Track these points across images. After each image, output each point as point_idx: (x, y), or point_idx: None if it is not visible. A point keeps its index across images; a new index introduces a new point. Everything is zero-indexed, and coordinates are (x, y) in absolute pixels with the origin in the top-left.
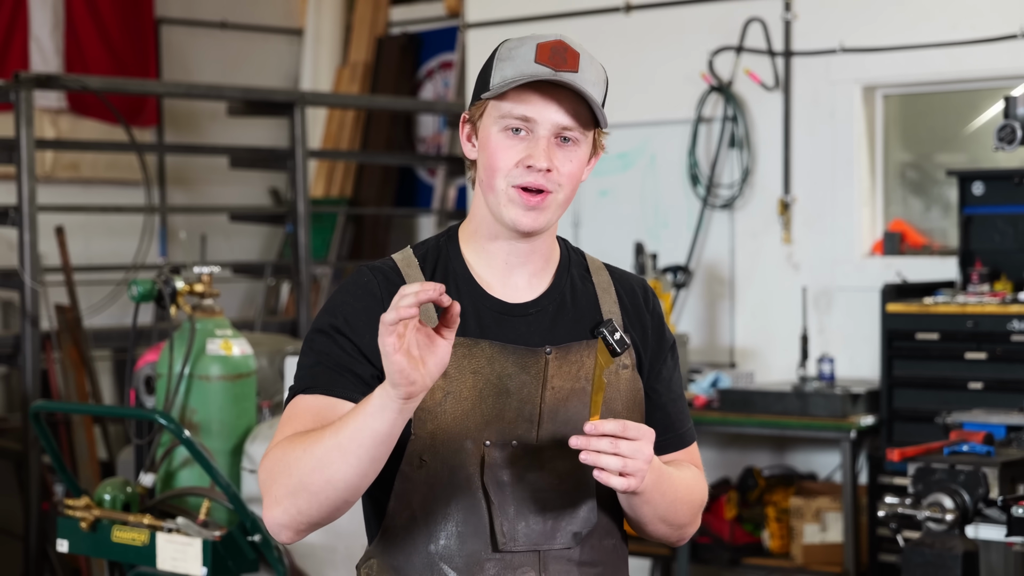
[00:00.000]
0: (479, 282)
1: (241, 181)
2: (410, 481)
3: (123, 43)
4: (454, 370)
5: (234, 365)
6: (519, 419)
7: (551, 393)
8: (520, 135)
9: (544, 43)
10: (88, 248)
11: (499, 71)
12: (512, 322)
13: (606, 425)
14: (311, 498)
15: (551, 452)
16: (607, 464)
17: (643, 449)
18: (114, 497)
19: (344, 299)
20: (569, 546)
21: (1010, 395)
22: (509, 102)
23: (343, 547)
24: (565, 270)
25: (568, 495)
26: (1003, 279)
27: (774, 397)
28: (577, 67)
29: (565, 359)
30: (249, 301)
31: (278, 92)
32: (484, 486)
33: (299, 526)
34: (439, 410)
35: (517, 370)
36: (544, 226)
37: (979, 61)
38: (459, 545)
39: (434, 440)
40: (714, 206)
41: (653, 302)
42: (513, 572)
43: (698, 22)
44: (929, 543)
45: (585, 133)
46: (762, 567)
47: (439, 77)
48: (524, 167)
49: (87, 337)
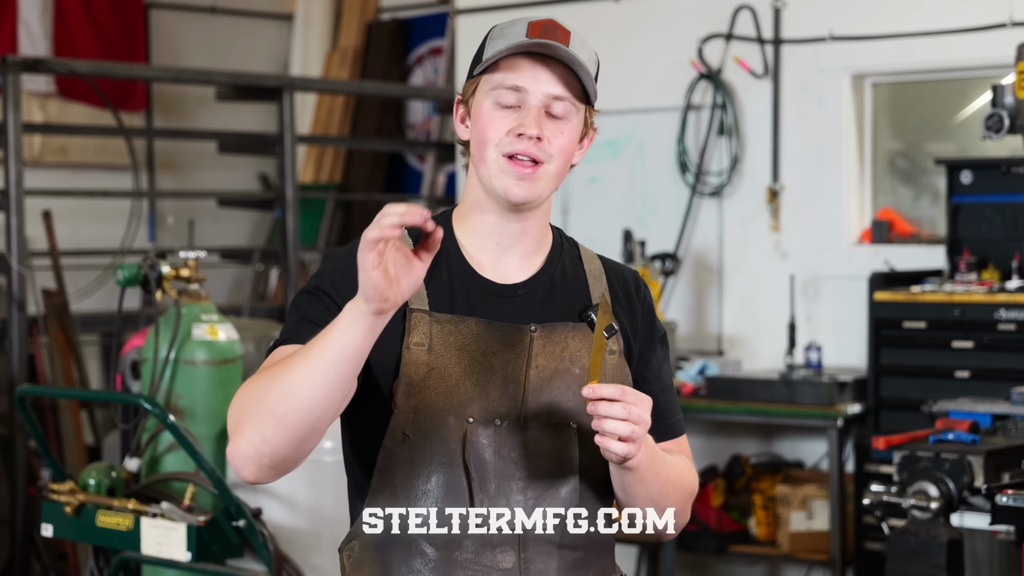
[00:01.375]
0: (470, 262)
1: (230, 166)
2: (393, 457)
3: (112, 27)
4: (440, 346)
5: (220, 350)
6: (503, 397)
7: (535, 372)
8: (512, 107)
9: (536, 21)
10: (76, 232)
11: (491, 48)
12: (501, 303)
13: (604, 389)
14: (277, 423)
15: (535, 432)
16: (613, 428)
17: (643, 416)
18: (99, 482)
19: (335, 265)
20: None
21: (996, 384)
22: (501, 72)
23: (328, 532)
24: (557, 255)
25: (550, 476)
26: (990, 268)
27: (761, 385)
28: (568, 43)
29: (549, 338)
30: (237, 286)
31: (267, 77)
32: (465, 462)
33: (262, 458)
34: (423, 385)
35: (502, 348)
36: (536, 197)
37: (968, 50)
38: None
39: (417, 415)
40: (703, 194)
41: (644, 293)
42: (492, 550)
43: (687, 9)
44: (914, 531)
45: (576, 106)
46: (748, 555)
47: (429, 63)
48: (515, 135)
49: (74, 322)
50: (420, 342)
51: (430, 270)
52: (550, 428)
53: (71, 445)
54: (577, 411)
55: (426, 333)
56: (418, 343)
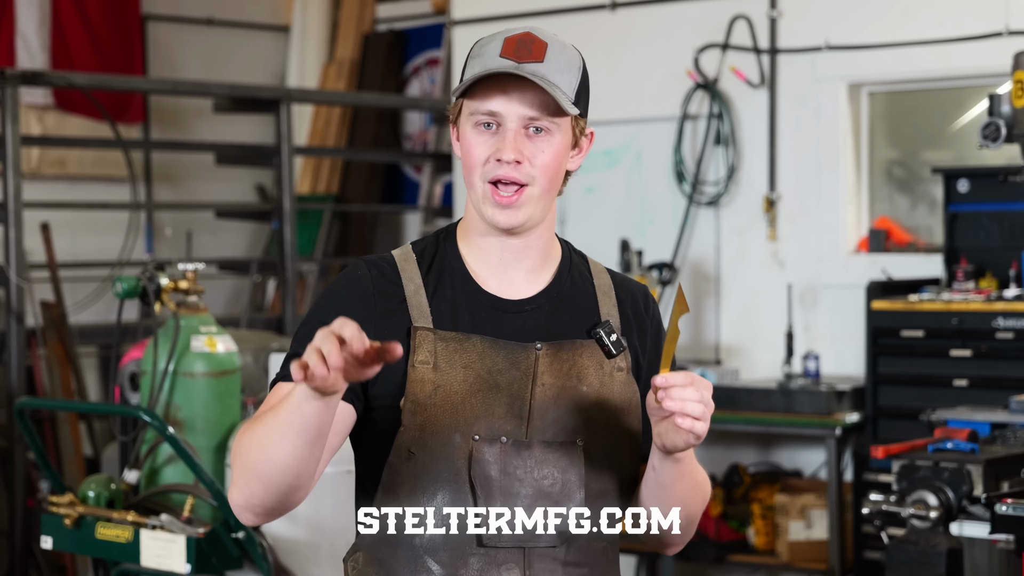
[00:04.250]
0: (475, 278)
1: (227, 178)
2: (398, 473)
3: (109, 39)
4: (445, 364)
5: (218, 362)
6: (509, 415)
7: (541, 390)
8: (491, 130)
9: (511, 36)
10: (74, 244)
11: (469, 69)
12: (507, 318)
13: (676, 377)
14: (258, 481)
15: (540, 450)
16: (693, 409)
17: (710, 399)
18: (98, 494)
19: (337, 291)
20: (554, 544)
21: (995, 392)
22: (476, 99)
23: (327, 544)
24: (566, 270)
25: (556, 493)
26: (988, 276)
27: (759, 394)
28: (543, 57)
29: (556, 356)
30: (235, 298)
31: (264, 89)
32: (471, 480)
33: (255, 508)
34: (429, 403)
35: (508, 365)
36: (522, 222)
37: (964, 59)
38: (444, 538)
39: (423, 433)
40: (699, 203)
41: (653, 308)
42: (497, 568)
43: (684, 19)
44: (913, 540)
45: (555, 122)
46: (747, 564)
47: (425, 74)
48: (494, 161)
49: (72, 334)
50: (425, 360)
51: (433, 287)
52: (556, 446)
53: (70, 457)
54: (584, 428)
55: (431, 351)
56: (423, 361)
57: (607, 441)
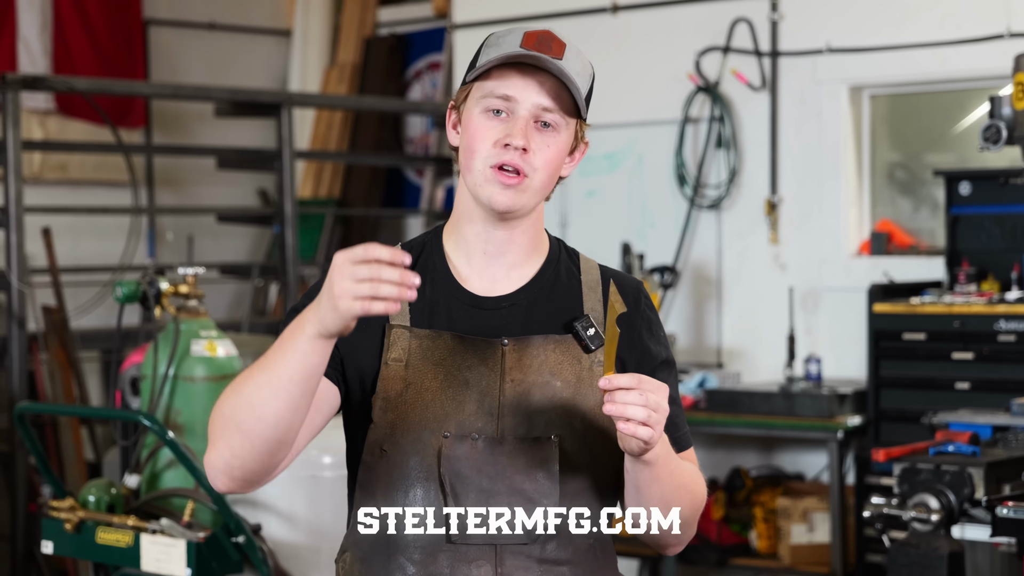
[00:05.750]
0: (456, 276)
1: (229, 182)
2: (372, 471)
3: (111, 44)
4: (417, 361)
5: (219, 366)
6: (480, 412)
7: (510, 386)
8: (501, 117)
9: (532, 32)
10: (75, 249)
11: (485, 56)
12: (483, 315)
13: (621, 379)
14: (244, 439)
15: (513, 446)
16: (635, 414)
17: (660, 403)
18: (98, 498)
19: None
20: (525, 542)
21: (996, 395)
22: (492, 81)
23: (328, 548)
24: (551, 266)
25: (529, 490)
26: (990, 279)
27: (761, 397)
28: (562, 55)
29: (524, 351)
30: (237, 302)
31: (266, 93)
32: (440, 477)
33: (233, 471)
34: (399, 400)
35: (476, 362)
36: (520, 207)
37: (965, 61)
38: (415, 536)
39: (394, 430)
40: (701, 206)
41: (645, 304)
42: (468, 565)
43: (685, 22)
44: (915, 543)
45: (566, 119)
46: (749, 567)
47: (427, 78)
48: (501, 146)
49: (74, 338)
50: (398, 358)
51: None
52: (530, 442)
53: (71, 462)
54: (558, 424)
55: (405, 348)
56: (396, 359)
57: (585, 437)
